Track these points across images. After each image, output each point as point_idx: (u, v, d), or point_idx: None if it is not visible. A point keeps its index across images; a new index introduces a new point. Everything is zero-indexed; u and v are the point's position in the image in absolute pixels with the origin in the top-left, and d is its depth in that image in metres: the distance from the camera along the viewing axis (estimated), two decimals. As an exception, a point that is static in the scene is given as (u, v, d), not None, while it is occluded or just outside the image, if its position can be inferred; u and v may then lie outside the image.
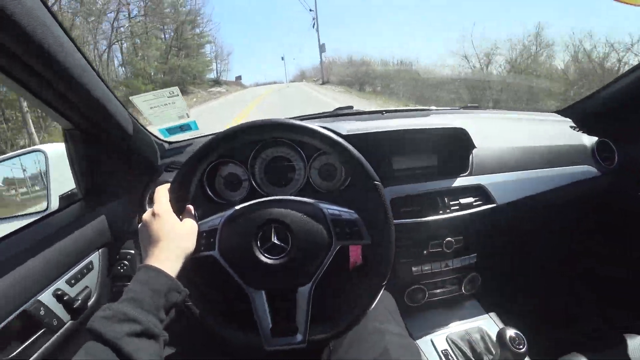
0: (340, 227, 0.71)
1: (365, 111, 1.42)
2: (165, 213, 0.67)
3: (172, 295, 0.58)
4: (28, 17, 0.54)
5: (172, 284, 0.59)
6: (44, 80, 0.64)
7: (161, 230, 0.65)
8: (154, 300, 0.55)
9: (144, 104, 0.96)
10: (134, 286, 0.56)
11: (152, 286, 0.56)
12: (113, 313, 0.51)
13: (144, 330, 0.51)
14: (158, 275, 0.58)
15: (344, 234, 0.71)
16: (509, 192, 1.10)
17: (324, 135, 0.72)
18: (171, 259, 0.62)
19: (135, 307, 0.53)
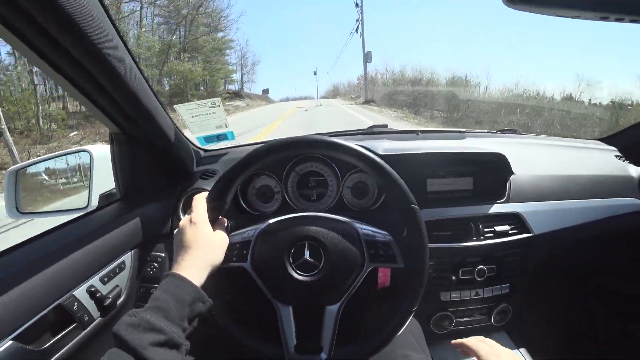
0: (374, 248, 0.70)
1: (400, 130, 1.41)
2: (201, 222, 0.68)
3: (197, 306, 0.59)
4: (89, 21, 0.57)
5: (197, 295, 0.59)
6: (98, 84, 0.67)
7: (194, 238, 0.66)
8: (178, 310, 0.55)
9: (186, 113, 1.00)
10: (160, 294, 0.57)
11: (178, 296, 0.57)
12: (139, 321, 0.51)
13: (168, 340, 0.52)
14: (184, 284, 0.59)
15: (378, 256, 0.70)
16: (546, 222, 1.05)
17: (365, 155, 0.72)
18: (199, 268, 0.63)
19: (160, 316, 0.53)
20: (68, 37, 0.56)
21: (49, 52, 0.58)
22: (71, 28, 0.55)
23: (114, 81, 0.68)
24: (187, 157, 1.07)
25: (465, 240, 1.00)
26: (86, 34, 0.57)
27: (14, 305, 0.59)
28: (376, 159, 0.72)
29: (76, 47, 0.58)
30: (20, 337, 0.59)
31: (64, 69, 0.62)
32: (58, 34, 0.55)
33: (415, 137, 1.29)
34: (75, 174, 1.15)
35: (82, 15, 0.55)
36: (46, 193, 1.12)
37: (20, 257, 0.69)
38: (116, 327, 0.51)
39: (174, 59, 22.14)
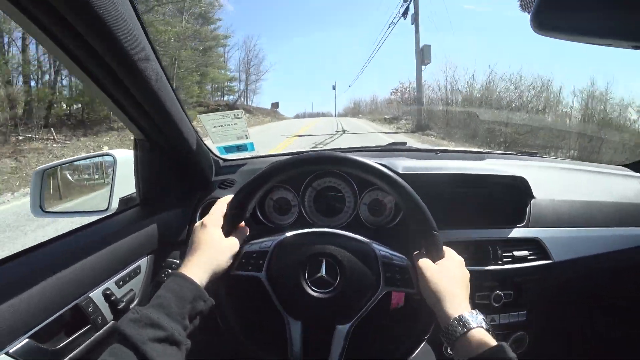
0: (391, 272, 0.69)
1: (418, 149, 1.41)
2: (210, 224, 0.70)
3: (198, 304, 0.60)
4: (125, 31, 0.59)
5: (197, 293, 0.60)
6: (128, 92, 0.70)
7: (201, 240, 0.68)
8: (179, 307, 0.56)
9: (209, 122, 1.02)
10: (162, 292, 0.58)
11: (179, 293, 0.58)
12: (140, 317, 0.53)
13: (168, 337, 0.52)
14: (185, 282, 0.60)
15: (394, 280, 0.69)
16: (568, 249, 1.02)
17: (392, 178, 0.71)
18: (201, 269, 0.64)
19: (162, 313, 0.55)
20: (104, 46, 0.58)
21: (84, 58, 0.60)
22: (108, 37, 0.57)
23: (144, 90, 0.70)
24: (207, 165, 1.09)
25: (482, 264, 0.97)
26: (122, 43, 0.59)
27: (33, 304, 0.60)
28: (402, 182, 0.71)
29: (111, 56, 0.60)
30: (36, 335, 0.60)
31: (97, 75, 0.65)
32: (96, 42, 0.57)
33: (434, 157, 1.28)
34: (98, 177, 1.18)
35: (118, 25, 0.57)
36: (69, 194, 1.16)
37: (41, 256, 0.71)
38: (118, 322, 0.53)
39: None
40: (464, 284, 0.69)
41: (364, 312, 0.68)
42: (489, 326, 0.61)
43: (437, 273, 0.67)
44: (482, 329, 0.59)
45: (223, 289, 0.70)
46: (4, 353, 0.55)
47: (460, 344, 0.59)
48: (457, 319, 0.60)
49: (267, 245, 0.73)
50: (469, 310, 0.62)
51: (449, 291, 0.65)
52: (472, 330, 0.59)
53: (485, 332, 0.59)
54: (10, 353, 0.55)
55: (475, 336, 0.58)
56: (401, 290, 0.70)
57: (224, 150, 1.15)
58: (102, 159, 1.16)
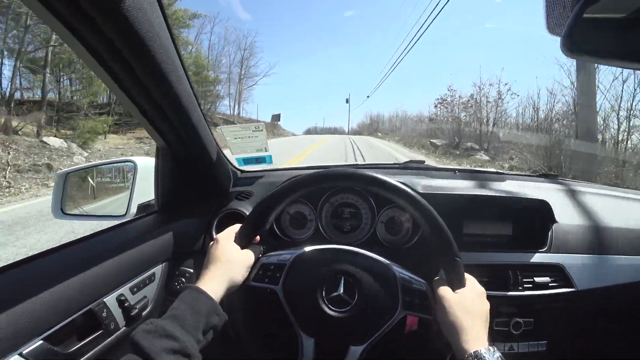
0: (410, 296, 0.68)
1: (437, 167, 1.38)
2: (224, 239, 0.72)
3: (212, 318, 0.60)
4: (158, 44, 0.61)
5: (212, 307, 0.61)
6: (154, 100, 0.71)
7: (215, 254, 0.69)
8: (194, 320, 0.57)
9: (230, 134, 1.04)
10: (177, 304, 0.59)
11: (194, 307, 0.59)
12: (155, 327, 0.53)
13: (181, 349, 0.53)
14: (200, 296, 0.61)
15: (412, 305, 0.67)
16: (592, 277, 0.98)
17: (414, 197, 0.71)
18: (216, 283, 0.65)
19: (176, 324, 0.55)
20: (137, 58, 0.60)
21: (117, 68, 0.62)
22: (141, 49, 0.59)
23: (171, 100, 0.72)
24: (225, 176, 1.10)
25: (502, 289, 0.94)
26: (153, 56, 0.61)
27: (48, 307, 0.60)
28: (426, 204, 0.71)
29: (142, 67, 0.62)
30: (50, 338, 0.60)
31: (127, 85, 0.67)
32: (129, 54, 0.59)
33: (453, 176, 1.26)
34: (119, 182, 1.20)
35: (151, 38, 0.59)
36: (89, 198, 1.18)
37: (58, 259, 0.72)
38: (133, 333, 0.53)
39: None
40: (483, 317, 0.66)
41: (380, 334, 0.66)
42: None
43: (455, 303, 0.65)
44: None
45: (237, 300, 0.70)
46: (17, 354, 0.55)
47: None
48: (473, 355, 0.58)
49: (285, 258, 0.72)
50: (486, 346, 0.60)
51: (467, 324, 0.63)
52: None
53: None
54: (23, 354, 0.55)
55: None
56: (419, 315, 0.68)
57: (243, 161, 1.16)
58: (124, 165, 1.18)
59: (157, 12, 0.60)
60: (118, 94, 0.70)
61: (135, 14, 0.54)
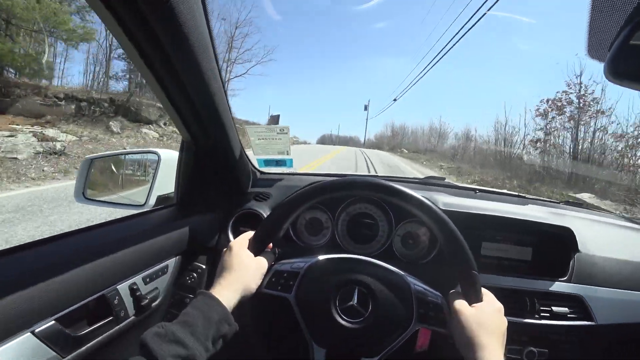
0: (425, 308, 0.66)
1: (457, 185, 1.36)
2: (237, 246, 0.71)
3: (223, 327, 0.59)
4: (199, 43, 0.62)
5: (224, 315, 0.60)
6: (187, 94, 0.72)
7: (228, 262, 0.69)
8: (204, 328, 0.56)
9: (254, 134, 1.04)
10: (190, 310, 0.58)
11: (206, 313, 0.58)
12: (165, 332, 0.53)
13: (189, 356, 0.52)
14: (213, 303, 0.60)
15: (427, 317, 0.66)
16: (613, 313, 0.93)
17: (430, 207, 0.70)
18: (230, 290, 0.64)
19: (186, 331, 0.54)
20: (176, 50, 0.61)
21: (157, 61, 0.63)
22: (181, 43, 0.60)
23: (203, 96, 0.73)
24: (245, 176, 1.10)
25: (517, 315, 0.90)
26: (192, 50, 0.62)
27: (63, 288, 0.61)
28: (443, 215, 0.70)
29: (180, 61, 0.63)
30: (62, 319, 0.61)
31: (163, 77, 0.68)
32: (170, 46, 0.60)
33: (473, 195, 1.23)
34: (141, 172, 1.22)
35: (192, 32, 0.60)
36: (111, 185, 1.20)
37: (77, 243, 0.73)
38: (144, 335, 0.53)
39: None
40: (499, 333, 0.63)
41: (393, 347, 0.64)
42: None
43: (471, 317, 0.63)
44: None
45: (249, 307, 0.69)
46: (30, 332, 0.55)
47: None
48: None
49: (299, 266, 0.71)
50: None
51: (483, 340, 0.60)
52: None
53: None
54: (35, 332, 0.56)
55: None
56: (434, 329, 0.66)
57: (263, 162, 1.16)
58: (147, 156, 1.20)
59: (199, 5, 0.61)
60: (152, 84, 0.71)
61: (179, 5, 0.55)
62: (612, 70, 0.41)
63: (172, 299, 0.94)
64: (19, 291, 0.55)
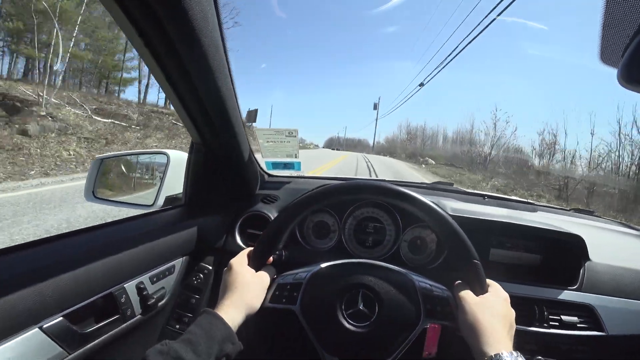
0: (431, 303, 0.66)
1: (465, 191, 1.35)
2: (236, 264, 0.71)
3: (226, 346, 0.59)
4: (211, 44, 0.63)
5: (227, 334, 0.60)
6: (198, 96, 0.73)
7: (229, 281, 0.69)
8: (207, 346, 0.56)
9: (263, 136, 1.05)
10: (193, 328, 0.58)
11: (209, 332, 0.58)
12: (167, 349, 0.53)
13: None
14: (216, 322, 0.60)
15: (434, 312, 0.65)
16: (625, 323, 0.91)
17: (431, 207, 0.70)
18: (233, 307, 0.64)
19: (188, 349, 0.54)
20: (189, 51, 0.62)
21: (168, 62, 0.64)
22: (194, 44, 0.61)
23: (213, 98, 0.73)
24: (254, 178, 1.10)
25: (525, 324, 0.89)
26: (205, 53, 0.62)
27: (72, 285, 0.62)
28: (439, 210, 0.70)
29: (192, 62, 0.64)
30: (70, 316, 0.61)
31: (174, 78, 0.68)
32: (182, 47, 0.61)
33: (482, 201, 1.22)
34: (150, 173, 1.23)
35: (205, 33, 0.61)
36: (121, 184, 1.21)
37: (85, 241, 0.74)
38: (147, 352, 0.53)
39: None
40: (506, 321, 0.62)
41: (405, 347, 0.64)
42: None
43: (476, 306, 0.62)
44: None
45: (255, 323, 0.68)
46: (38, 327, 0.56)
47: None
48: (492, 357, 0.54)
49: (301, 277, 0.71)
50: (508, 350, 0.56)
51: (488, 327, 0.59)
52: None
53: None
54: (43, 329, 0.57)
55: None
56: (443, 324, 0.65)
57: (271, 165, 1.17)
58: (156, 157, 1.21)
59: (212, 6, 0.61)
60: (163, 85, 0.71)
61: (192, 6, 0.55)
62: (625, 76, 0.40)
63: (178, 299, 0.95)
64: (28, 287, 0.55)
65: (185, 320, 0.93)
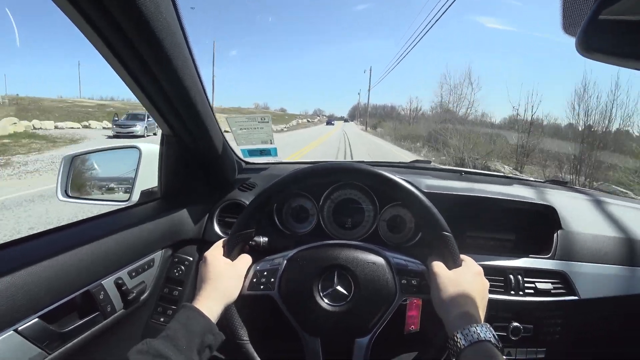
0: (407, 278, 0.68)
1: (442, 168, 1.37)
2: (210, 256, 0.71)
3: (207, 337, 0.60)
4: (165, 30, 0.60)
5: (207, 326, 0.60)
6: (160, 86, 0.71)
7: (205, 273, 0.69)
8: (187, 340, 0.57)
9: (235, 124, 1.04)
10: (172, 324, 0.59)
11: (188, 326, 0.58)
12: (147, 348, 0.54)
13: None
14: (194, 315, 0.61)
15: (410, 287, 0.67)
16: (596, 287, 0.96)
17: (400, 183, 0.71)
18: (211, 299, 0.65)
19: (170, 345, 0.55)
20: (142, 40, 0.59)
21: (122, 50, 0.61)
22: (147, 32, 0.58)
23: (175, 87, 0.71)
24: (230, 166, 1.10)
25: (501, 294, 0.93)
26: (159, 40, 0.60)
27: (45, 285, 0.61)
28: (414, 189, 0.71)
29: (147, 49, 0.61)
30: (46, 316, 0.61)
31: (133, 69, 0.66)
32: (134, 35, 0.58)
33: (458, 177, 1.25)
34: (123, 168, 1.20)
35: (159, 23, 0.58)
36: (93, 182, 1.18)
37: (58, 240, 0.73)
38: (128, 353, 0.53)
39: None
40: (479, 295, 0.64)
41: (383, 322, 0.66)
42: (499, 343, 0.56)
43: (449, 280, 0.64)
44: (490, 343, 0.55)
45: (235, 312, 0.69)
46: (13, 330, 0.56)
47: (465, 357, 0.55)
48: (464, 329, 0.56)
49: (277, 262, 0.72)
50: (478, 323, 0.58)
51: (460, 301, 0.62)
52: (477, 343, 0.55)
53: (492, 347, 0.55)
54: (19, 330, 0.56)
55: (481, 351, 0.54)
56: (419, 297, 0.68)
57: (248, 153, 1.16)
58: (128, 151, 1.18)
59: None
60: (125, 79, 0.69)
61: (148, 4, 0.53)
62: (582, 45, 0.41)
63: (160, 292, 0.95)
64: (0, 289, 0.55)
65: (169, 313, 0.93)
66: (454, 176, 1.26)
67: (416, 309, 0.81)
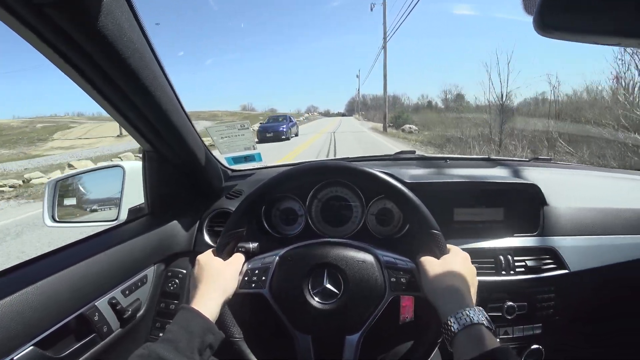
0: (396, 276, 0.68)
1: (428, 157, 1.38)
2: (203, 259, 0.72)
3: (207, 337, 0.59)
4: (129, 45, 0.60)
5: (206, 326, 0.60)
6: (132, 103, 0.70)
7: (199, 274, 0.69)
8: (188, 342, 0.57)
9: (216, 133, 1.04)
10: (172, 327, 0.59)
11: (188, 328, 0.58)
12: (148, 353, 0.53)
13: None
14: (193, 316, 0.61)
15: (399, 284, 0.68)
16: (585, 259, 0.98)
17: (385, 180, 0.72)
18: (208, 299, 0.65)
19: (170, 347, 0.55)
20: (108, 60, 0.59)
21: (85, 67, 0.60)
22: (111, 51, 0.57)
23: (147, 101, 0.71)
24: (215, 176, 1.09)
25: (494, 274, 0.94)
26: (125, 58, 0.59)
27: (39, 311, 0.61)
28: (397, 184, 0.71)
29: (114, 69, 0.61)
30: (41, 343, 0.60)
31: (102, 87, 0.65)
32: (100, 57, 0.58)
33: (444, 165, 1.26)
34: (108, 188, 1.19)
35: (123, 43, 0.58)
36: (80, 204, 1.18)
37: (48, 265, 0.72)
38: (129, 358, 0.53)
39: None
40: (467, 279, 0.65)
41: (373, 319, 0.67)
42: (492, 324, 0.57)
43: (438, 268, 0.65)
44: (483, 326, 0.56)
45: (228, 310, 0.70)
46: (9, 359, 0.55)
47: (458, 341, 0.55)
48: (457, 314, 0.57)
49: (269, 261, 0.73)
50: (470, 307, 0.58)
51: (451, 286, 0.62)
52: (470, 327, 0.55)
53: (486, 330, 0.55)
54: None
55: (474, 334, 0.55)
56: (408, 294, 0.68)
57: (232, 160, 1.16)
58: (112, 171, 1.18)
59: (126, 10, 0.58)
60: (97, 99, 0.69)
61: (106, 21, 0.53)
62: (540, 24, 0.42)
63: (157, 308, 0.95)
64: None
65: None
66: (439, 164, 1.27)
67: (409, 300, 0.82)
